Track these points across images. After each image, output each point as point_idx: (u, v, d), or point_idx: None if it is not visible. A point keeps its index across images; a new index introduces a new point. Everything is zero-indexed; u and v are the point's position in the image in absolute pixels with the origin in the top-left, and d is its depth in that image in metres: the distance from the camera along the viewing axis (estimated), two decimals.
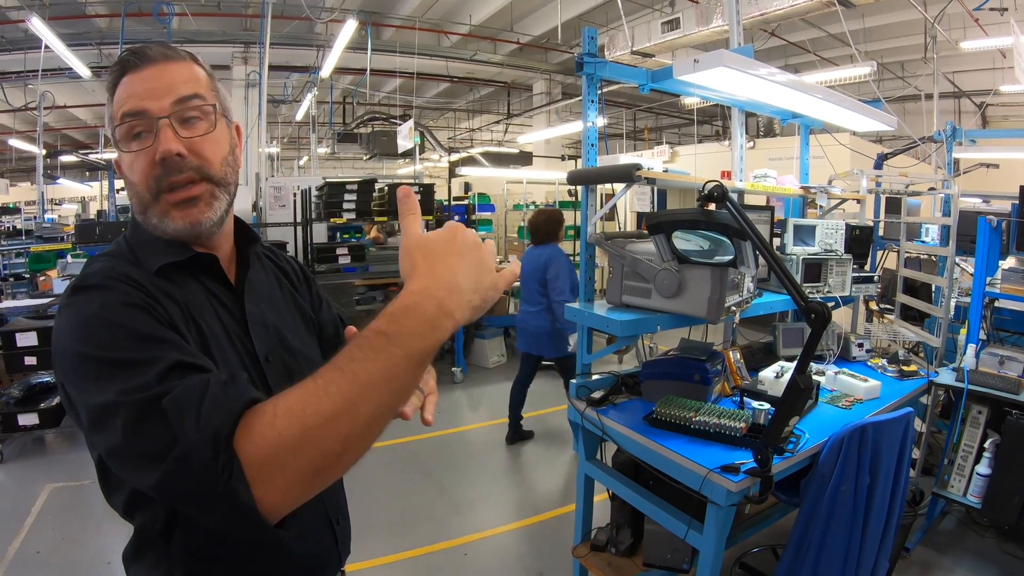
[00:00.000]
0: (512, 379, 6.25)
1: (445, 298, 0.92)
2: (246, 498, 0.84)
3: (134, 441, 0.91)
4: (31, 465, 5.74)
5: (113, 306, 1.05)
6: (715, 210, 2.64)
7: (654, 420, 2.97)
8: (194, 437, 0.86)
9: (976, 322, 4.13)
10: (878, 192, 5.55)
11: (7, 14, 10.69)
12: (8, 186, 17.14)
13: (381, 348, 0.87)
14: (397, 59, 12.59)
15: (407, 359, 0.88)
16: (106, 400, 0.94)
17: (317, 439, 0.84)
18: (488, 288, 0.99)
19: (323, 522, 1.43)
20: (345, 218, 7.80)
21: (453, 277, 0.94)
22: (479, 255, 1.00)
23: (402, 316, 0.90)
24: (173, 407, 0.90)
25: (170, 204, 1.20)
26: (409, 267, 0.97)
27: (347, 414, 0.85)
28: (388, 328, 0.88)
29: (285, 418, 0.85)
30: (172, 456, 0.87)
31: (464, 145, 19.89)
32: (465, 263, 0.97)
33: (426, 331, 0.89)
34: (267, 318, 1.37)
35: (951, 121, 6.69)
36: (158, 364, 0.95)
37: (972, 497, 3.78)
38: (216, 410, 0.88)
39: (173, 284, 1.20)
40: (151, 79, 1.19)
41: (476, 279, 0.97)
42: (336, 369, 0.87)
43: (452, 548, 4.33)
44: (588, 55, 3.27)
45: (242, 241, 1.42)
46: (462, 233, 1.00)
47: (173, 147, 1.16)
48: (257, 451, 0.85)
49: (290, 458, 0.85)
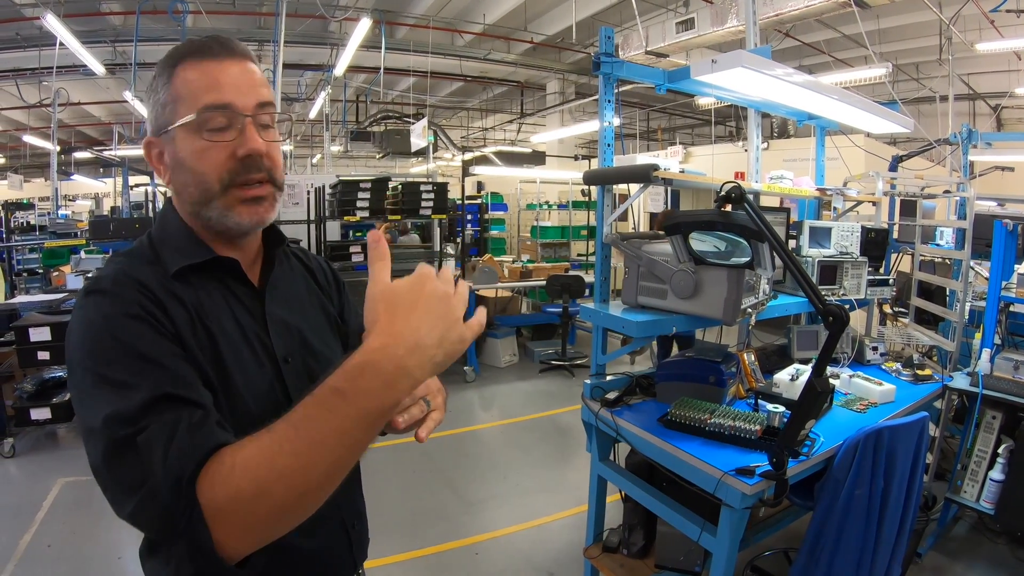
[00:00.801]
0: (524, 379, 6.24)
1: (404, 357, 0.89)
2: (205, 540, 0.88)
3: (112, 471, 0.97)
4: (43, 459, 5.78)
5: (116, 317, 1.06)
6: (733, 211, 2.63)
7: (669, 421, 2.96)
8: (160, 477, 0.91)
9: (991, 326, 4.10)
10: (893, 194, 5.53)
11: (22, 11, 10.72)
12: (22, 182, 17.18)
13: (335, 407, 0.87)
14: (411, 58, 12.60)
15: (361, 418, 0.88)
16: (93, 424, 0.98)
17: (271, 494, 0.87)
18: (454, 342, 0.95)
19: (337, 524, 1.42)
20: (359, 216, 7.81)
21: (415, 334, 0.91)
22: (447, 307, 0.95)
23: (358, 374, 0.88)
24: (144, 446, 0.94)
25: (238, 199, 1.21)
26: (371, 319, 0.94)
27: (300, 471, 0.87)
28: (343, 385, 0.88)
29: (241, 472, 0.89)
30: (142, 491, 0.92)
31: (477, 144, 19.91)
32: (430, 318, 0.93)
33: (382, 391, 0.88)
34: (288, 319, 1.36)
35: (967, 123, 6.65)
36: (143, 391, 0.98)
37: (985, 503, 3.76)
38: (180, 455, 0.92)
39: (188, 286, 1.20)
40: (237, 74, 1.20)
41: (441, 334, 0.93)
42: (291, 426, 0.88)
43: (463, 547, 4.33)
44: (605, 55, 3.27)
45: (269, 241, 1.41)
46: (431, 284, 0.96)
47: (261, 146, 1.20)
48: (216, 499, 0.88)
49: (246, 509, 0.88)
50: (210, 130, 1.17)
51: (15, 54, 11.83)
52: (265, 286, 1.35)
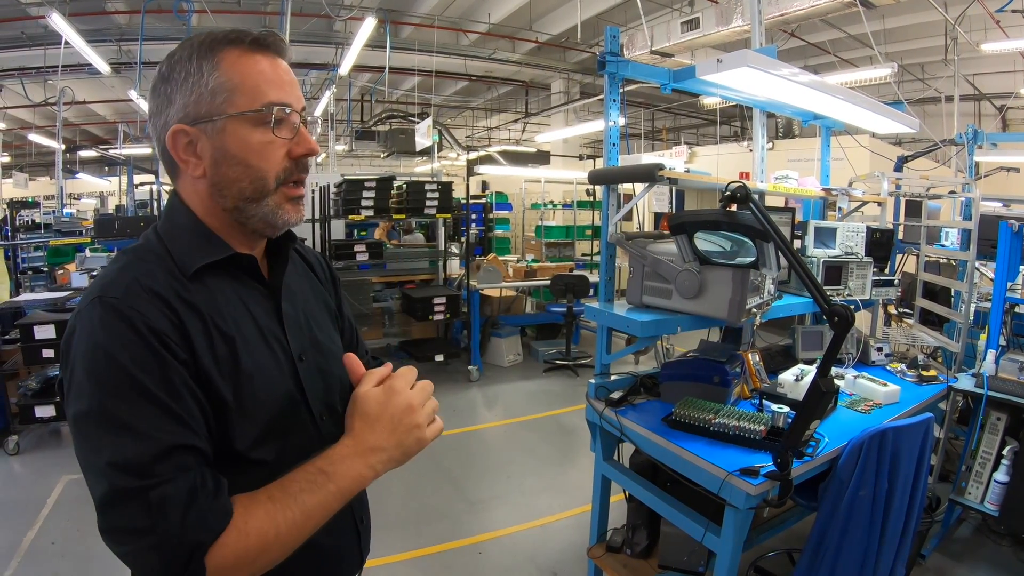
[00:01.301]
0: (528, 378, 6.24)
1: (368, 455, 1.17)
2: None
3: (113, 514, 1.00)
4: (47, 457, 5.79)
5: (127, 344, 1.03)
6: (738, 211, 2.63)
7: (673, 421, 2.96)
8: (175, 540, 0.98)
9: (996, 328, 4.09)
10: (898, 195, 5.52)
11: (27, 10, 10.73)
12: (27, 180, 17.26)
13: (322, 484, 1.11)
14: (416, 57, 12.60)
15: (339, 494, 1.13)
16: (96, 464, 1.01)
17: (270, 552, 1.07)
18: (412, 444, 1.22)
19: (349, 520, 1.43)
20: (363, 215, 7.80)
21: (377, 442, 1.18)
22: (407, 418, 1.21)
23: (338, 462, 1.14)
24: (159, 504, 0.98)
25: (287, 197, 1.25)
26: (348, 423, 1.20)
27: (294, 536, 1.09)
28: (328, 468, 1.13)
29: (255, 538, 1.04)
30: (144, 542, 0.98)
31: (482, 144, 19.96)
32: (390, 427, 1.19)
33: (354, 476, 1.15)
34: (299, 316, 1.36)
35: (972, 124, 6.64)
36: (152, 443, 1.01)
37: (989, 504, 3.75)
38: (201, 523, 1.00)
39: (203, 287, 1.18)
40: (288, 72, 1.24)
41: (400, 440, 1.20)
42: (290, 496, 1.08)
43: (467, 546, 4.34)
44: (610, 54, 3.26)
45: (277, 238, 1.38)
46: (395, 398, 1.21)
47: (317, 148, 1.28)
48: (225, 562, 1.01)
49: (246, 565, 1.05)
50: (274, 127, 1.18)
51: (20, 53, 11.83)
52: (278, 283, 1.34)
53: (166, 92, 1.18)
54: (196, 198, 1.23)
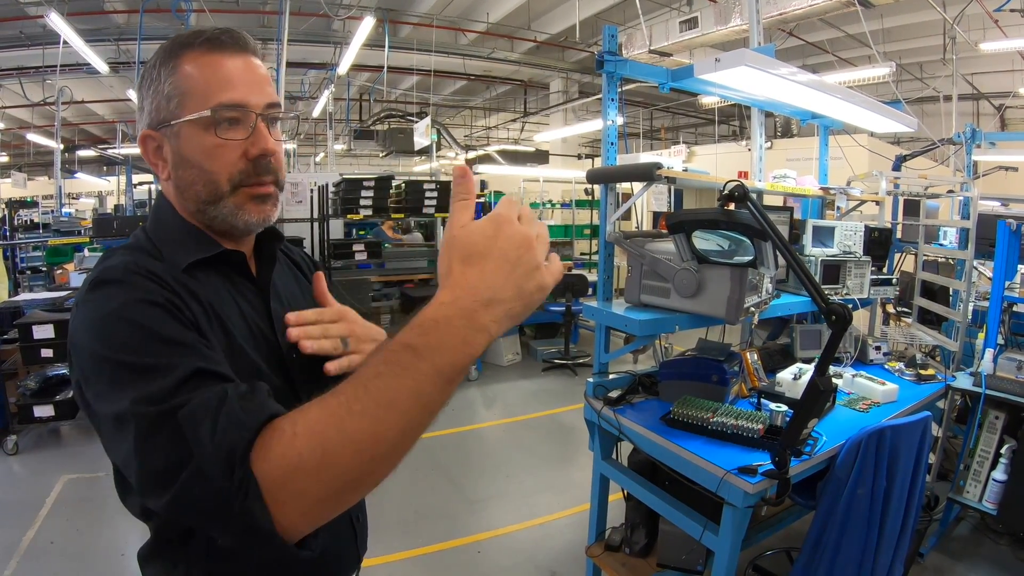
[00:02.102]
0: (527, 377, 6.24)
1: (479, 311, 0.84)
2: (263, 519, 0.81)
3: (147, 455, 0.88)
4: (46, 456, 5.80)
5: (132, 303, 1.00)
6: (736, 210, 2.63)
7: (671, 420, 2.96)
8: (209, 453, 0.83)
9: (994, 326, 4.09)
10: (897, 194, 5.52)
11: (26, 9, 10.73)
12: (26, 180, 17.24)
13: (408, 364, 0.82)
14: (414, 56, 12.60)
15: (437, 375, 0.83)
16: (120, 409, 0.91)
17: (339, 462, 0.81)
18: (533, 292, 0.89)
19: (345, 520, 1.42)
20: (362, 214, 7.81)
21: (490, 287, 0.85)
22: (526, 254, 0.89)
23: (431, 329, 0.83)
24: (188, 420, 0.86)
25: (248, 197, 1.20)
26: (445, 269, 0.88)
27: (371, 435, 0.81)
28: (416, 341, 0.83)
29: (305, 438, 0.82)
30: (186, 472, 0.84)
31: (481, 143, 19.96)
32: (507, 267, 0.87)
33: (457, 346, 0.83)
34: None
35: (970, 123, 6.64)
36: (176, 371, 0.92)
37: (987, 503, 3.75)
38: (233, 425, 0.85)
39: (197, 281, 1.17)
40: (248, 69, 1.18)
41: (519, 284, 0.87)
42: (360, 385, 0.83)
43: (465, 545, 4.34)
44: (609, 53, 3.26)
45: (264, 238, 1.39)
46: (508, 227, 0.89)
47: (273, 147, 1.19)
48: (275, 471, 0.81)
49: (310, 480, 0.81)
50: (224, 128, 1.14)
51: (19, 52, 11.83)
52: (266, 281, 1.34)
53: (140, 98, 1.21)
54: (173, 199, 1.25)
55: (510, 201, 0.94)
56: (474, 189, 0.94)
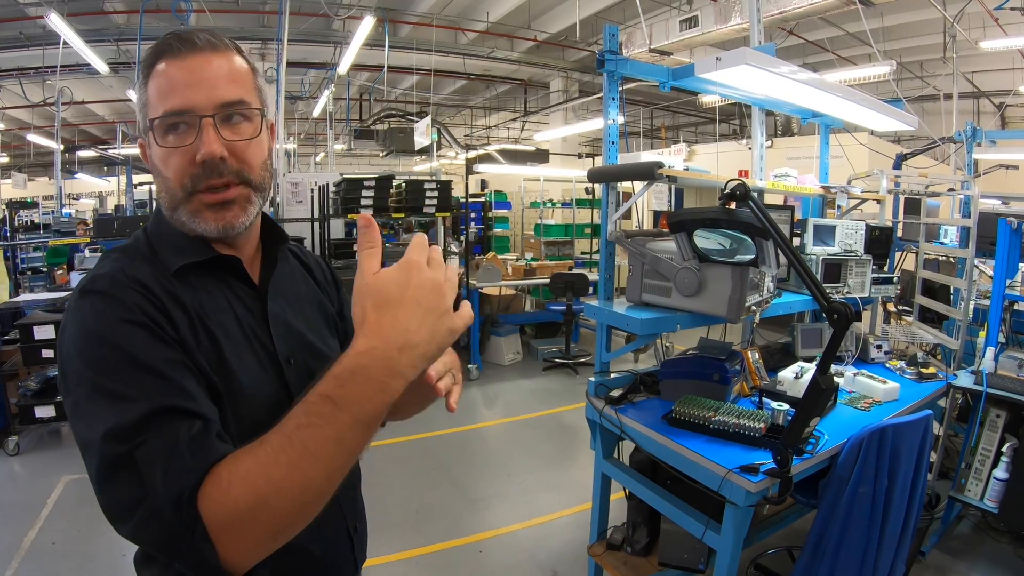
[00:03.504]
0: (527, 377, 6.24)
1: (395, 358, 0.88)
2: (211, 556, 0.87)
3: (109, 489, 0.94)
4: (47, 457, 5.80)
5: (113, 322, 1.03)
6: (737, 208, 2.63)
7: (673, 419, 2.96)
8: (160, 495, 0.89)
9: (995, 325, 4.09)
10: (897, 192, 5.52)
11: (26, 10, 10.74)
12: (26, 180, 17.23)
13: (328, 415, 0.86)
14: (414, 56, 12.59)
15: (356, 423, 0.87)
16: (90, 438, 0.95)
17: (270, 506, 0.86)
18: (444, 335, 0.93)
19: (341, 527, 1.42)
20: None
21: (404, 334, 0.89)
22: (436, 299, 0.92)
23: (348, 380, 0.87)
24: (144, 460, 0.91)
25: (204, 205, 1.17)
26: (359, 317, 0.91)
27: (297, 482, 0.86)
28: (334, 393, 0.86)
29: (239, 487, 0.87)
30: (141, 510, 0.90)
31: (481, 142, 19.92)
32: (419, 313, 0.90)
33: (374, 394, 0.87)
34: (290, 319, 1.34)
35: (971, 121, 6.64)
36: (142, 404, 0.95)
37: (989, 501, 3.75)
38: (181, 470, 0.89)
39: (187, 286, 1.17)
40: (195, 70, 1.14)
41: (431, 329, 0.91)
42: (284, 437, 0.87)
43: (467, 545, 4.34)
44: (610, 52, 3.26)
45: (269, 239, 1.38)
46: (418, 274, 0.92)
47: (216, 150, 1.13)
48: (216, 516, 0.87)
49: (248, 524, 0.87)
50: (169, 133, 1.14)
51: (19, 53, 11.85)
52: (266, 285, 1.33)
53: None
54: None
55: (421, 245, 0.96)
56: (379, 237, 0.97)
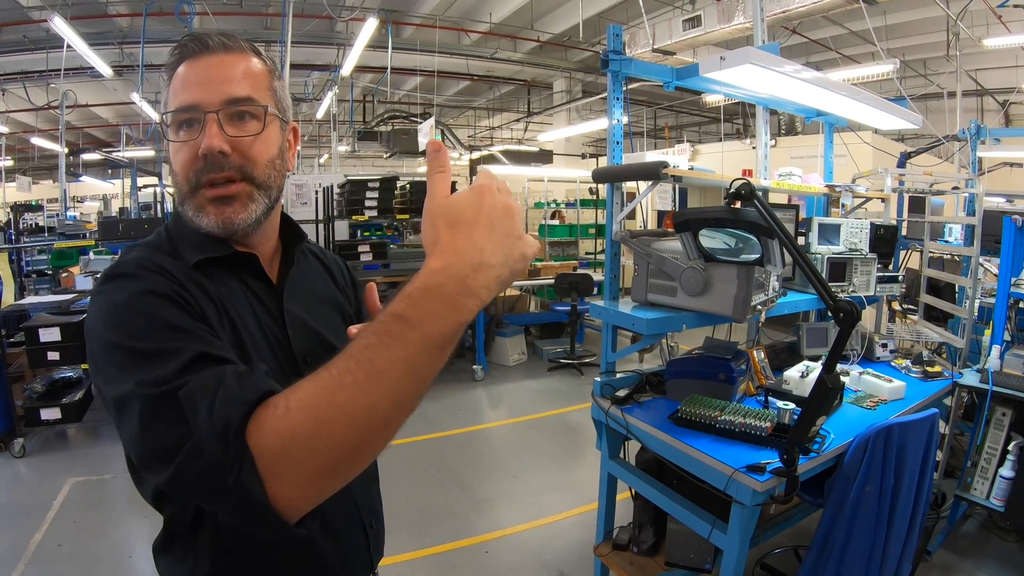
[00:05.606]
0: (533, 377, 6.25)
1: (469, 276, 0.83)
2: (258, 493, 0.81)
3: (149, 434, 0.90)
4: (53, 459, 5.82)
5: (142, 294, 1.04)
6: (742, 208, 2.63)
7: (679, 419, 2.96)
8: (206, 428, 0.84)
9: (1001, 323, 4.09)
10: (902, 191, 5.52)
11: (29, 14, 10.76)
12: (31, 184, 17.24)
13: (398, 333, 0.80)
14: (417, 57, 12.61)
15: (427, 344, 0.81)
16: (125, 391, 0.93)
17: (332, 433, 0.80)
18: (517, 259, 0.89)
19: (356, 524, 1.42)
20: (367, 216, 7.82)
21: (479, 252, 0.84)
22: (509, 222, 0.89)
23: (421, 297, 0.82)
24: (187, 399, 0.88)
25: (206, 199, 1.19)
26: (432, 238, 0.87)
27: (364, 406, 0.80)
28: (406, 311, 0.81)
29: (298, 412, 0.81)
30: (186, 450, 0.86)
31: (484, 143, 19.89)
32: (494, 234, 0.86)
33: (448, 313, 0.82)
34: (307, 318, 1.35)
35: (975, 119, 6.64)
36: (181, 355, 0.94)
37: (995, 500, 3.75)
38: (228, 401, 0.86)
39: (210, 280, 1.19)
40: (206, 69, 1.18)
41: (505, 251, 0.87)
42: (351, 358, 0.81)
43: (473, 545, 4.34)
44: (614, 52, 3.27)
45: (288, 239, 1.40)
46: (491, 197, 0.89)
47: (216, 144, 1.14)
48: (269, 445, 0.81)
49: (305, 453, 0.81)
50: (179, 128, 1.17)
51: (23, 57, 11.88)
52: (283, 284, 1.34)
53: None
54: None
55: (489, 173, 0.94)
56: (448, 161, 0.94)
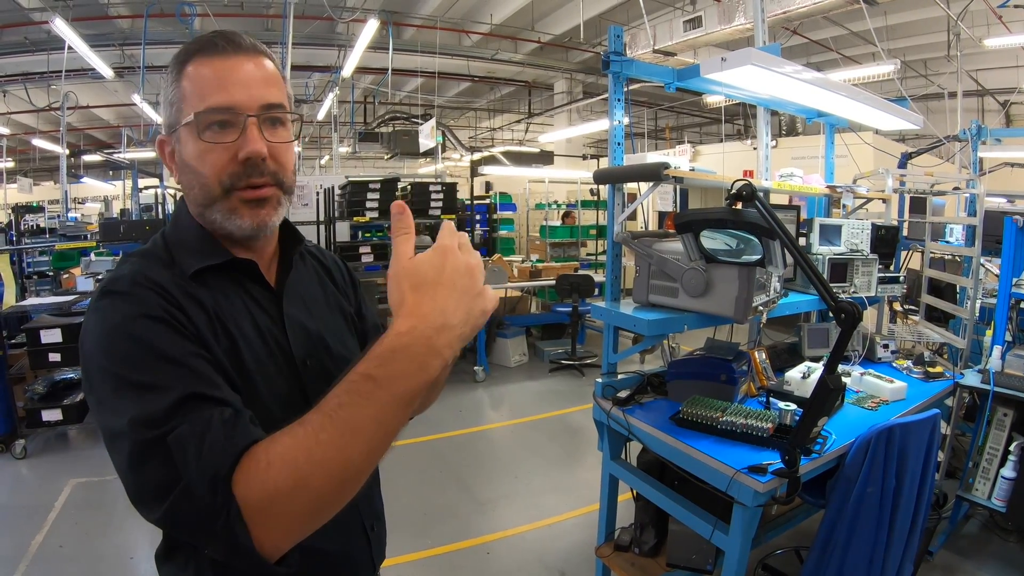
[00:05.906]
0: (534, 378, 6.25)
1: (434, 337, 0.90)
2: (244, 538, 0.86)
3: (140, 473, 0.95)
4: (54, 460, 5.83)
5: (136, 319, 1.04)
6: (744, 209, 2.63)
7: (681, 420, 2.96)
8: (195, 475, 0.89)
9: (1002, 323, 4.09)
10: (903, 191, 5.51)
11: (31, 15, 10.77)
12: (32, 185, 17.25)
13: (368, 393, 0.87)
14: (418, 58, 12.61)
15: (396, 402, 0.88)
16: (118, 426, 0.96)
17: (310, 486, 0.87)
18: (478, 316, 0.97)
19: (357, 526, 1.42)
20: (368, 217, 7.83)
21: (442, 314, 0.91)
22: (470, 281, 0.96)
23: (389, 359, 0.88)
24: (177, 444, 0.92)
25: (241, 202, 1.19)
26: (398, 300, 0.94)
27: (338, 460, 0.87)
28: (376, 371, 0.88)
29: (279, 467, 0.87)
30: (175, 492, 0.90)
31: (485, 144, 19.89)
32: (455, 294, 0.94)
33: (415, 372, 0.89)
34: (307, 321, 1.35)
35: (976, 120, 6.64)
36: (170, 393, 0.97)
37: (996, 501, 3.75)
38: (215, 451, 0.90)
39: (206, 288, 1.19)
40: (239, 69, 1.18)
41: (467, 309, 0.94)
42: (325, 415, 0.88)
43: (475, 547, 4.35)
44: (615, 53, 3.26)
45: (286, 242, 1.40)
46: (452, 257, 0.96)
47: (261, 149, 1.17)
48: (254, 496, 0.87)
49: (285, 504, 0.87)
50: (211, 132, 1.16)
51: (24, 58, 11.90)
52: (283, 288, 1.34)
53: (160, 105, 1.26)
54: (189, 203, 1.27)
55: (451, 229, 1.01)
56: (412, 223, 1.01)
